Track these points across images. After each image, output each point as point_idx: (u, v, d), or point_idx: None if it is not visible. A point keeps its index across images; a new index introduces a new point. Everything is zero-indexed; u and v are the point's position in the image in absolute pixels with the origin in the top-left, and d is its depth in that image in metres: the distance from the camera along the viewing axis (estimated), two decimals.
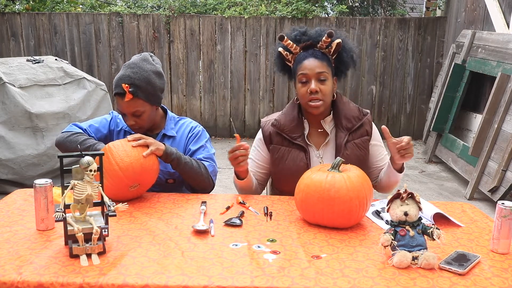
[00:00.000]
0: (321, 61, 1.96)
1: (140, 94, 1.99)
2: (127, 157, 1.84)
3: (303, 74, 1.96)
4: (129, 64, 2.04)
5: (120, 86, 1.98)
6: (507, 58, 4.44)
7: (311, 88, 1.93)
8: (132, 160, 1.84)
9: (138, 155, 1.87)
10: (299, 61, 1.99)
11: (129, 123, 2.07)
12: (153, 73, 2.04)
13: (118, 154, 1.84)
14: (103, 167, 1.74)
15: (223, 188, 4.57)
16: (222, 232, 1.64)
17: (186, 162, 2.02)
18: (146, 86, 2.00)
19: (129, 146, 1.88)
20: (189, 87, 6.72)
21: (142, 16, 6.52)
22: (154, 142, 1.94)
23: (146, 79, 2.01)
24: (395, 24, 6.53)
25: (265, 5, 6.75)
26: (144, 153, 1.88)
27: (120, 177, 1.82)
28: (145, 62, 2.04)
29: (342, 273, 1.36)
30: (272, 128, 2.07)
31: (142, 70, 2.01)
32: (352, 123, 2.04)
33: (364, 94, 6.69)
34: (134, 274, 1.33)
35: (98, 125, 2.17)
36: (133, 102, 1.99)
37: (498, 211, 1.51)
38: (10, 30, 6.53)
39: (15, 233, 1.60)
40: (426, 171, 5.41)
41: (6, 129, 4.07)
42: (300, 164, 2.01)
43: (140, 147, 1.89)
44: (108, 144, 1.91)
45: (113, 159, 1.83)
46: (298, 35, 2.02)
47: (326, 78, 1.96)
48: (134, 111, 2.01)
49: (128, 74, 2.00)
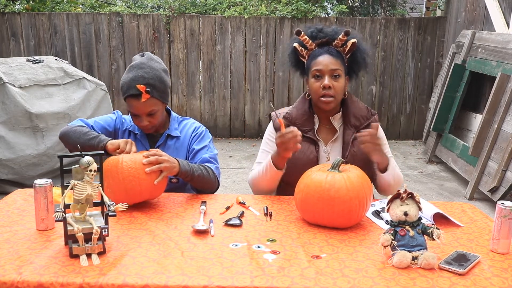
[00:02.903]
0: (336, 58, 1.99)
1: (155, 94, 2.01)
2: (138, 186, 1.77)
3: (317, 70, 1.98)
4: (138, 64, 2.03)
5: (134, 88, 1.97)
6: (507, 58, 4.44)
7: (325, 84, 1.96)
8: (142, 189, 1.79)
9: (149, 183, 1.79)
10: (313, 57, 2.01)
11: (143, 124, 2.05)
12: (163, 71, 2.07)
13: (129, 180, 1.76)
14: (109, 181, 1.74)
15: (223, 188, 4.57)
16: (222, 232, 1.64)
17: (199, 175, 2.00)
18: (159, 84, 2.03)
19: (142, 171, 1.78)
20: (189, 87, 6.72)
21: (142, 16, 6.52)
22: (167, 166, 1.84)
23: (158, 77, 2.03)
24: (395, 24, 6.53)
25: (265, 5, 6.75)
26: (156, 181, 1.81)
27: (123, 197, 1.75)
28: (153, 62, 2.06)
29: (342, 273, 1.36)
30: (284, 120, 2.09)
31: (154, 69, 2.03)
32: (360, 122, 2.07)
33: (364, 94, 6.70)
34: (134, 274, 1.33)
35: (103, 122, 2.17)
36: (150, 102, 2.00)
37: (498, 211, 1.51)
38: (10, 30, 6.53)
39: (15, 233, 1.60)
40: (426, 171, 5.42)
41: (6, 129, 4.07)
42: (310, 156, 2.03)
43: (153, 173, 1.81)
44: (120, 159, 1.80)
45: (122, 182, 1.76)
46: (314, 32, 2.05)
47: (340, 75, 1.98)
48: (149, 110, 2.02)
49: (141, 74, 1.99)
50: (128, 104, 2.03)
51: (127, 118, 2.21)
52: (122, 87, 2.03)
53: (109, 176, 1.76)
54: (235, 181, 4.89)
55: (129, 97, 2.00)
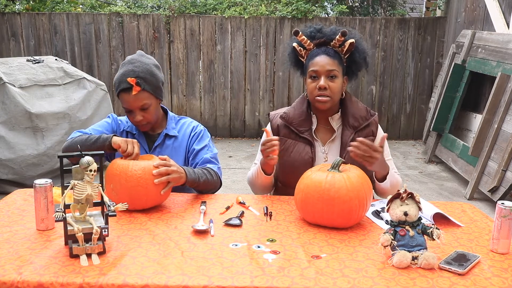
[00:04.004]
0: (333, 59, 1.99)
1: (146, 86, 2.02)
2: (145, 195, 1.77)
3: (313, 70, 1.98)
4: (129, 60, 2.06)
5: (125, 82, 1.99)
6: (507, 58, 4.44)
7: (320, 84, 1.96)
8: (148, 198, 1.79)
9: (155, 194, 1.80)
10: (311, 57, 2.02)
11: (137, 119, 2.05)
12: (154, 66, 2.09)
13: (136, 189, 1.75)
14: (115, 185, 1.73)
15: (223, 188, 4.54)
16: (222, 232, 1.64)
17: (204, 181, 2.00)
18: (150, 78, 2.04)
19: (150, 182, 1.76)
20: (189, 87, 6.72)
21: (142, 16, 6.52)
22: (176, 177, 1.84)
23: (149, 71, 2.04)
24: (395, 24, 6.53)
25: (265, 5, 6.75)
26: (162, 191, 1.81)
27: (128, 202, 1.71)
28: (143, 57, 2.10)
29: (342, 273, 1.36)
30: (280, 121, 2.10)
31: (144, 63, 2.05)
32: (359, 122, 2.06)
33: (364, 94, 6.69)
34: (134, 274, 1.33)
35: (101, 128, 2.16)
36: (141, 95, 2.01)
37: (498, 211, 1.51)
38: (10, 30, 6.53)
39: (15, 233, 1.60)
40: (426, 171, 5.41)
41: (6, 129, 4.07)
42: (305, 157, 2.03)
43: (161, 183, 1.80)
44: (130, 166, 1.78)
45: (128, 189, 1.75)
46: (313, 32, 2.05)
47: (336, 76, 1.98)
48: (142, 104, 2.02)
49: (131, 68, 2.02)
50: (121, 100, 2.04)
51: (123, 119, 2.22)
52: (115, 84, 2.06)
53: (117, 181, 1.76)
54: (235, 181, 4.89)
55: (121, 92, 2.02)
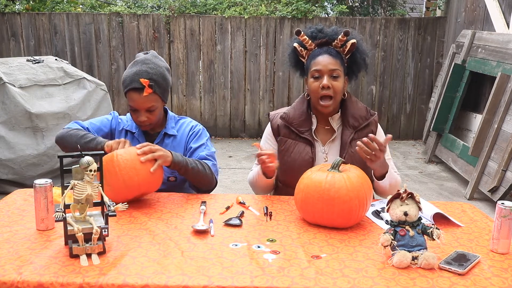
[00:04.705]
0: (335, 58, 1.99)
1: (157, 89, 2.02)
2: (136, 176, 1.79)
3: (316, 70, 1.98)
4: (143, 60, 2.05)
5: (138, 81, 1.99)
6: (507, 58, 4.44)
7: (323, 83, 1.96)
8: (140, 179, 1.80)
9: (146, 172, 1.81)
10: (313, 57, 2.02)
11: (141, 119, 2.05)
12: (166, 69, 2.10)
13: (126, 171, 1.78)
14: (106, 176, 1.74)
15: (223, 188, 4.57)
16: (222, 232, 1.64)
17: (193, 167, 2.01)
18: (162, 81, 2.05)
19: (137, 161, 1.80)
20: (189, 87, 6.72)
21: (142, 16, 6.52)
22: (161, 154, 1.88)
23: (161, 74, 2.05)
24: (395, 24, 6.53)
25: (265, 5, 6.75)
26: (152, 169, 1.83)
27: (122, 191, 1.79)
28: (157, 59, 2.09)
29: (342, 273, 1.36)
30: (281, 121, 2.10)
31: (158, 66, 2.05)
32: (359, 122, 2.06)
33: (364, 94, 6.69)
34: (134, 274, 1.33)
35: (99, 124, 2.17)
36: (151, 97, 2.01)
37: (498, 211, 1.51)
38: (10, 30, 6.53)
39: (15, 233, 1.60)
40: (426, 171, 5.41)
41: (6, 129, 4.07)
42: (305, 157, 2.03)
43: (148, 162, 1.83)
44: (115, 153, 1.82)
45: (120, 174, 1.78)
46: (314, 32, 2.06)
47: (339, 76, 1.99)
48: (150, 106, 2.03)
49: (145, 69, 2.01)
50: (129, 98, 2.04)
51: (123, 118, 2.22)
52: (125, 80, 2.04)
53: (106, 171, 1.76)
54: (235, 181, 4.89)
55: (131, 90, 2.01)
